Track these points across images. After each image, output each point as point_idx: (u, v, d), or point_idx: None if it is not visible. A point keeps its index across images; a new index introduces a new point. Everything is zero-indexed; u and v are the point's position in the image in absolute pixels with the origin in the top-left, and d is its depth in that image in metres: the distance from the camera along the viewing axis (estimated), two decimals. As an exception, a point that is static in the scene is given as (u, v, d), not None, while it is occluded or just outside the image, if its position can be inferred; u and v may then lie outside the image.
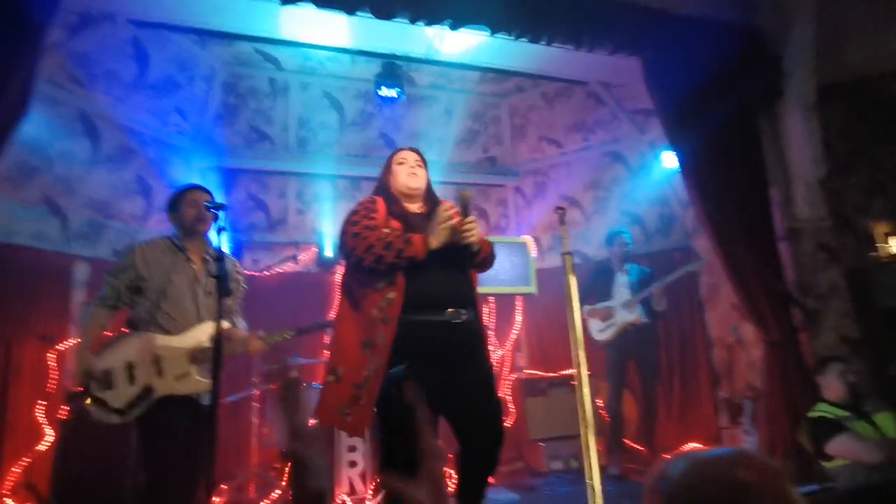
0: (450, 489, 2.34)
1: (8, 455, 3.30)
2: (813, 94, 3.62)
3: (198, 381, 2.17)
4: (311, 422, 2.20)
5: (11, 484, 3.24)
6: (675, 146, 3.47)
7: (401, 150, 2.36)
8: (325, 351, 4.43)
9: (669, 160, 4.28)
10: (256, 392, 3.74)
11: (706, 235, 3.52)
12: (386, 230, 2.07)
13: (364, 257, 1.99)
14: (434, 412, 2.05)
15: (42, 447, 3.35)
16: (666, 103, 3.44)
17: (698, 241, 4.53)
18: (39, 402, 3.48)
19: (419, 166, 2.30)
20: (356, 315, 2.08)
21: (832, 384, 2.81)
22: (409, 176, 2.26)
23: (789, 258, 3.47)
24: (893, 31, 3.75)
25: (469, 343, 2.11)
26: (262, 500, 3.44)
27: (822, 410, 2.75)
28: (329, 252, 4.65)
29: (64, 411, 3.32)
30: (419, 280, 2.03)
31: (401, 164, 2.28)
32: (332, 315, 4.46)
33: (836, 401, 2.76)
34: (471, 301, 2.14)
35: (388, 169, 2.31)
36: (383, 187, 2.28)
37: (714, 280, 4.41)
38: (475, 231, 2.09)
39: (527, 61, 4.02)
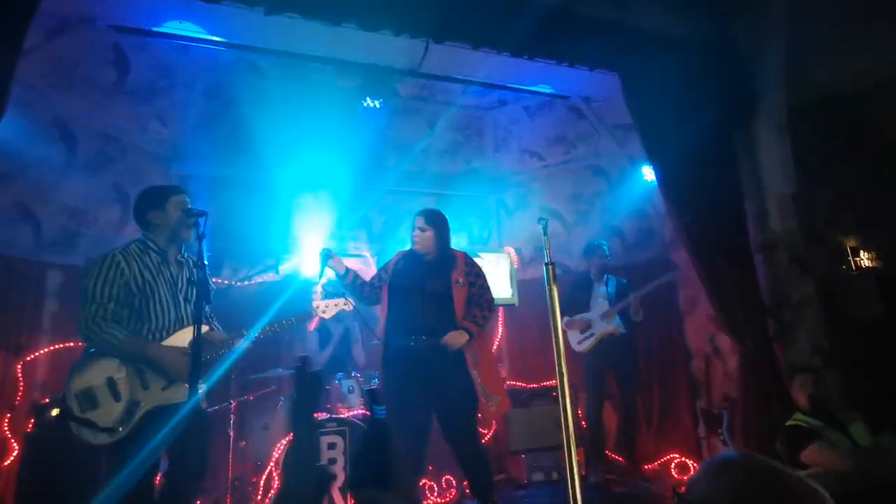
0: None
1: (-30, 470, 3.17)
2: (784, 111, 3.75)
3: (185, 389, 2.11)
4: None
5: (-27, 500, 3.11)
6: (653, 160, 3.55)
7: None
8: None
9: (649, 174, 4.38)
10: (234, 404, 3.67)
11: (683, 248, 3.59)
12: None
13: None
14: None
15: (7, 462, 3.22)
16: (643, 118, 3.53)
17: (676, 253, 4.61)
18: (6, 415, 3.36)
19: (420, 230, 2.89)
20: None
21: (799, 395, 2.89)
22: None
23: (763, 270, 3.56)
24: (861, 52, 3.91)
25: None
26: (238, 515, 3.36)
27: (797, 420, 2.80)
28: (309, 265, 4.58)
29: (30, 425, 3.20)
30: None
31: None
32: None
33: (808, 410, 2.82)
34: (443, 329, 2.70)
35: None
36: None
37: (692, 292, 4.49)
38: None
39: (510, 75, 4.09)
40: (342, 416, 3.48)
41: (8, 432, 3.32)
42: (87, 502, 2.71)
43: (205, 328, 2.10)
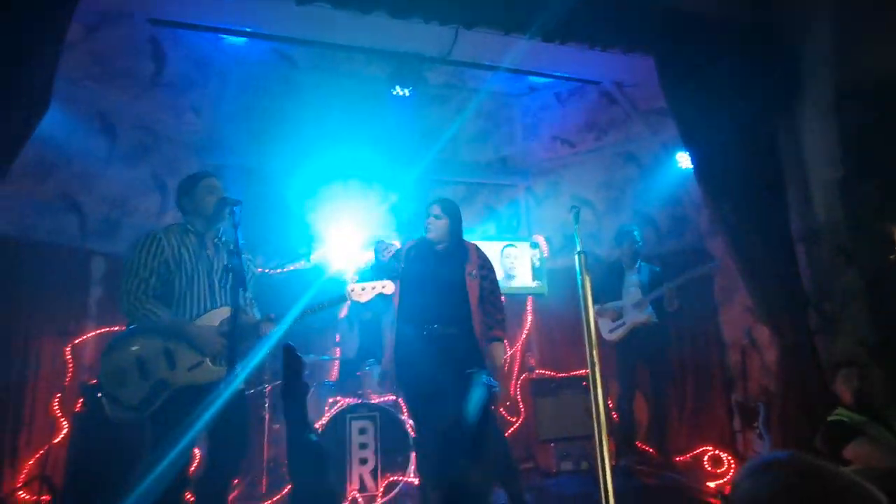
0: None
1: (23, 447, 3.35)
2: (831, 94, 3.57)
3: (212, 370, 2.18)
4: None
5: (25, 477, 3.29)
6: (689, 146, 3.44)
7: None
8: (336, 349, 4.45)
9: (684, 161, 4.25)
10: (268, 388, 3.77)
11: (720, 237, 3.48)
12: None
13: None
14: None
15: (57, 440, 3.40)
16: (680, 102, 3.41)
17: (712, 242, 4.49)
18: (56, 395, 3.54)
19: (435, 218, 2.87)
20: None
21: (842, 389, 2.79)
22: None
23: (806, 261, 3.43)
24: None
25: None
26: (275, 495, 3.46)
27: (840, 415, 2.71)
28: (339, 254, 4.64)
29: (79, 404, 3.36)
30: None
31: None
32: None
33: (851, 405, 2.72)
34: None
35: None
36: None
37: (728, 282, 4.36)
38: None
39: (540, 61, 4.02)
40: (373, 402, 3.54)
41: (58, 412, 3.50)
42: (130, 479, 2.84)
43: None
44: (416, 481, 3.25)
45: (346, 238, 4.73)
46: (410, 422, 3.46)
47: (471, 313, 2.74)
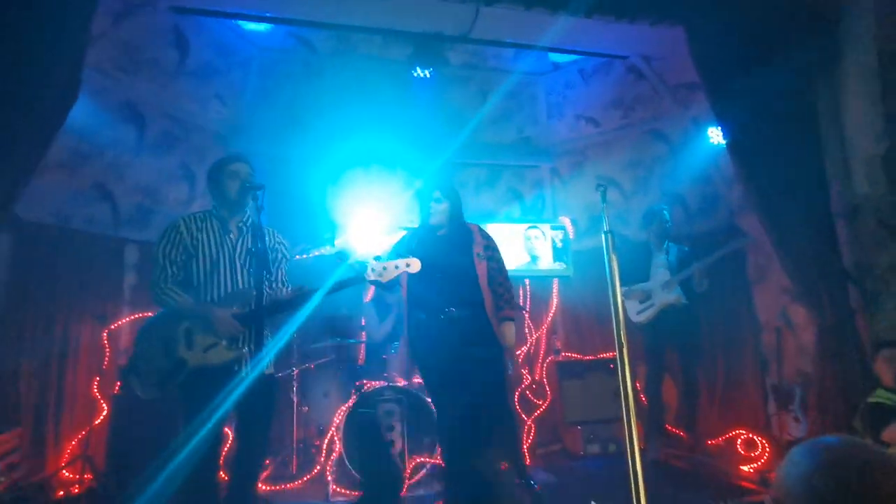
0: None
1: (65, 428, 3.50)
2: (874, 61, 3.37)
3: (226, 352, 2.22)
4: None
5: (69, 456, 3.44)
6: (722, 120, 3.31)
7: None
8: (362, 333, 4.49)
9: (716, 136, 4.10)
10: (296, 371, 3.84)
11: (755, 213, 3.36)
12: None
13: None
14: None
15: (97, 421, 3.54)
16: (712, 74, 3.28)
17: (744, 220, 4.34)
18: (95, 378, 3.68)
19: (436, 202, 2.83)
20: None
21: (884, 370, 2.68)
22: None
23: (846, 236, 3.28)
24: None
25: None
26: (305, 476, 3.54)
27: (879, 396, 2.61)
28: (363, 239, 4.65)
29: (117, 387, 3.49)
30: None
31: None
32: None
33: (892, 386, 2.61)
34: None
35: None
36: None
37: (762, 261, 4.22)
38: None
39: (563, 37, 3.90)
40: (399, 384, 3.57)
41: (97, 394, 3.64)
42: (164, 459, 2.94)
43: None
44: (444, 463, 3.28)
45: (370, 223, 4.74)
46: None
47: (482, 294, 2.74)
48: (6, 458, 2.94)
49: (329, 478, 3.36)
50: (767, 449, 3.62)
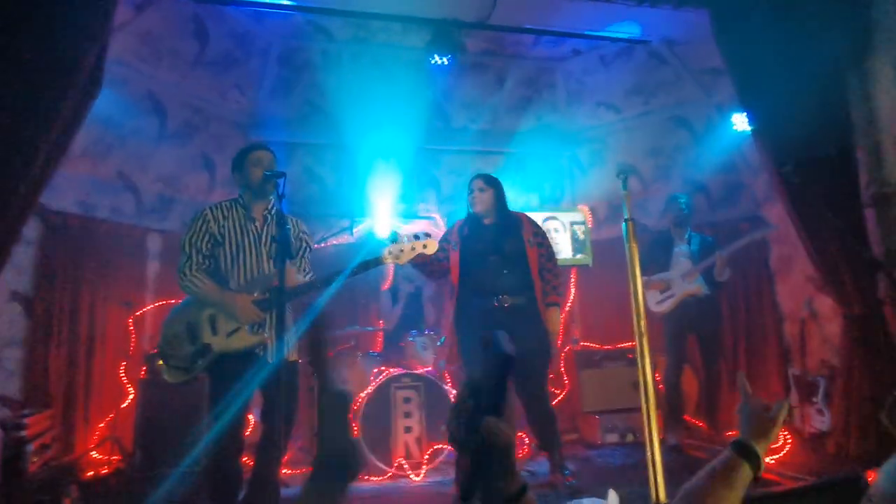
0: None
1: (94, 411, 3.61)
2: (908, 44, 3.24)
3: (248, 337, 2.26)
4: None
5: (98, 438, 3.55)
6: (748, 106, 3.22)
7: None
8: (379, 321, 4.53)
9: (740, 122, 4.01)
10: (316, 358, 3.89)
11: (781, 202, 3.28)
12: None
13: None
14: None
15: (125, 404, 3.64)
16: (738, 59, 3.19)
17: (769, 209, 4.24)
18: (121, 362, 3.78)
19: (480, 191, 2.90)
20: None
21: None
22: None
23: (875, 225, 3.19)
24: None
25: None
26: (323, 460, 3.60)
27: (909, 389, 2.55)
28: (380, 230, 4.68)
29: (143, 372, 3.58)
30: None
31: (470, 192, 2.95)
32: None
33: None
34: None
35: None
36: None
37: (786, 250, 4.13)
38: None
39: (584, 21, 3.84)
40: (417, 371, 3.60)
41: (124, 378, 3.74)
42: (188, 441, 3.02)
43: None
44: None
45: (388, 211, 4.76)
46: (454, 391, 3.50)
47: (533, 282, 2.84)
48: (39, 439, 3.04)
49: (348, 463, 3.41)
50: (789, 441, 3.57)
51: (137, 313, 3.94)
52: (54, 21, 2.38)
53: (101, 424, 3.62)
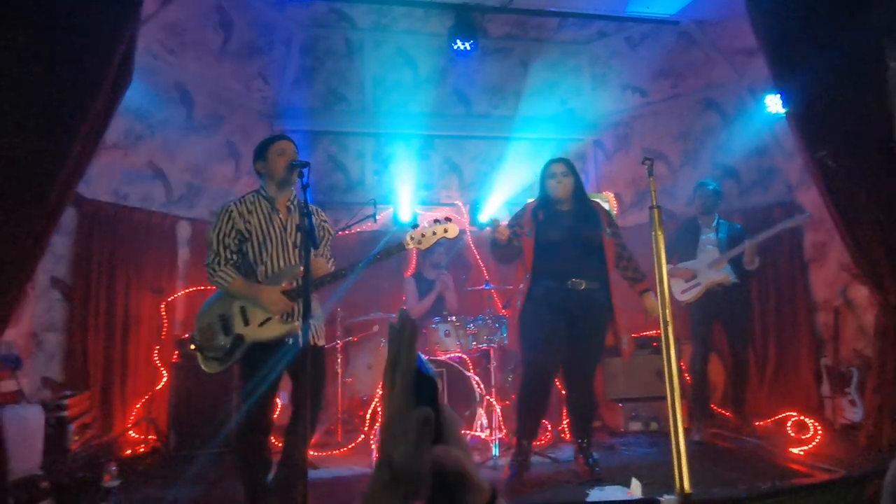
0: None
1: (130, 393, 3.76)
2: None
3: (279, 326, 2.31)
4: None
5: (134, 418, 3.70)
6: (783, 88, 3.10)
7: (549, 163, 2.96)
8: (403, 307, 4.57)
9: (774, 105, 3.87)
10: (339, 344, 3.96)
11: (816, 186, 3.16)
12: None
13: None
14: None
15: (159, 387, 3.77)
16: (772, 39, 3.07)
17: (803, 194, 4.11)
18: (155, 346, 3.91)
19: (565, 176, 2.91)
20: None
21: None
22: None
23: (917, 212, 3.06)
24: None
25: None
26: (349, 444, 3.68)
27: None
28: (404, 214, 4.71)
29: (175, 356, 3.70)
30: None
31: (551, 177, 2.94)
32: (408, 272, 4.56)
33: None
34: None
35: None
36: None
37: (821, 238, 4.01)
38: None
39: (610, 1, 3.74)
40: (439, 358, 3.63)
41: (158, 362, 3.87)
42: (226, 421, 3.12)
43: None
44: (483, 435, 3.33)
45: (411, 197, 4.77)
46: (477, 378, 3.52)
47: (607, 271, 2.88)
48: (80, 419, 3.18)
49: (373, 446, 3.48)
50: (820, 432, 3.49)
51: (169, 299, 4.06)
52: (86, 14, 2.43)
53: (138, 406, 3.76)
